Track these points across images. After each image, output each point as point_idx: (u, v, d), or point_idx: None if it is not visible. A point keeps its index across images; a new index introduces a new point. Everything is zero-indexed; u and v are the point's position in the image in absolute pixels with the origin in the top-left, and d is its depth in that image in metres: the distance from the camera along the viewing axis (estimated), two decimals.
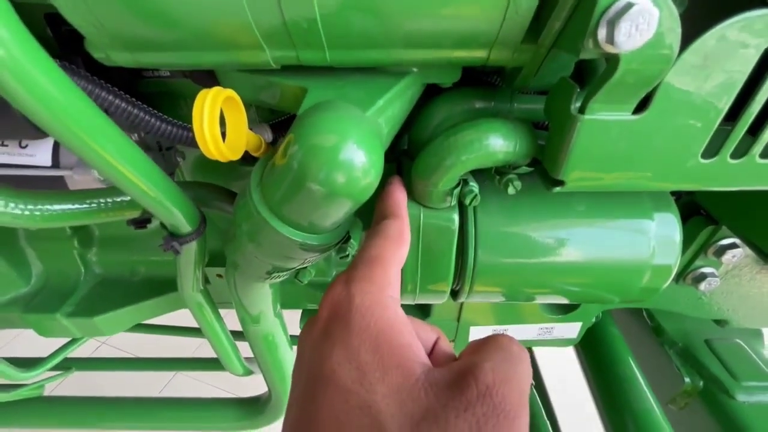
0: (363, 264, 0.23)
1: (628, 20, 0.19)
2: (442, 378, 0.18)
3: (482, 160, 0.29)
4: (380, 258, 0.23)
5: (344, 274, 0.23)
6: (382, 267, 0.23)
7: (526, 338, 0.56)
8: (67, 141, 0.24)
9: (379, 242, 0.25)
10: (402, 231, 0.26)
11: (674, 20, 0.20)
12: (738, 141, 0.26)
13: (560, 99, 0.26)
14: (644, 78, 0.22)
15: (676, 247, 0.34)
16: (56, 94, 0.22)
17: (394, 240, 0.25)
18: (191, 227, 0.34)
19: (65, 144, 0.25)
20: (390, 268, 0.23)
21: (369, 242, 0.25)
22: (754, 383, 0.57)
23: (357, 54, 0.27)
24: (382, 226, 0.26)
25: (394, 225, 0.26)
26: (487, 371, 0.18)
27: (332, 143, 0.24)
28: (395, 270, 0.23)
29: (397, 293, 0.22)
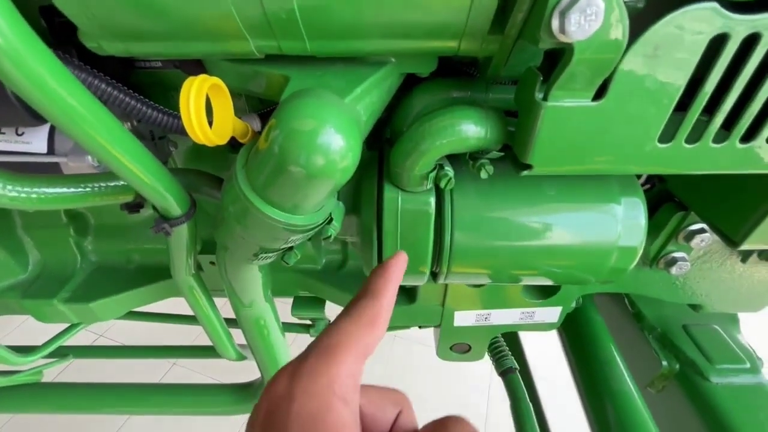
0: (316, 354, 0.20)
1: (577, 11, 0.21)
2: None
3: (456, 145, 0.31)
4: (338, 347, 0.20)
5: (293, 363, 0.20)
6: (337, 359, 0.20)
7: (508, 322, 0.58)
8: (64, 125, 0.26)
9: (344, 326, 0.21)
10: (377, 316, 0.22)
11: (621, 10, 0.21)
12: (691, 127, 0.28)
13: (527, 87, 0.28)
14: (598, 66, 0.24)
15: (642, 230, 0.36)
16: (53, 80, 0.24)
17: (363, 325, 0.22)
18: (181, 210, 0.36)
19: (61, 128, 0.27)
20: (346, 361, 0.20)
21: (334, 324, 0.22)
22: (728, 366, 0.59)
23: (336, 44, 0.28)
24: (356, 306, 0.23)
25: (370, 307, 0.22)
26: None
27: (311, 127, 0.26)
28: (355, 361, 0.20)
29: (352, 388, 0.20)
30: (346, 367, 0.20)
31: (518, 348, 0.78)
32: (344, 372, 0.20)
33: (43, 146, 0.39)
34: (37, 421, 1.37)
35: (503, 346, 0.68)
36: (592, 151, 0.29)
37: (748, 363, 0.59)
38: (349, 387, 0.20)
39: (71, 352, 0.80)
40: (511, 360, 0.67)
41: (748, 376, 0.58)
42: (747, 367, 0.59)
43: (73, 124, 0.27)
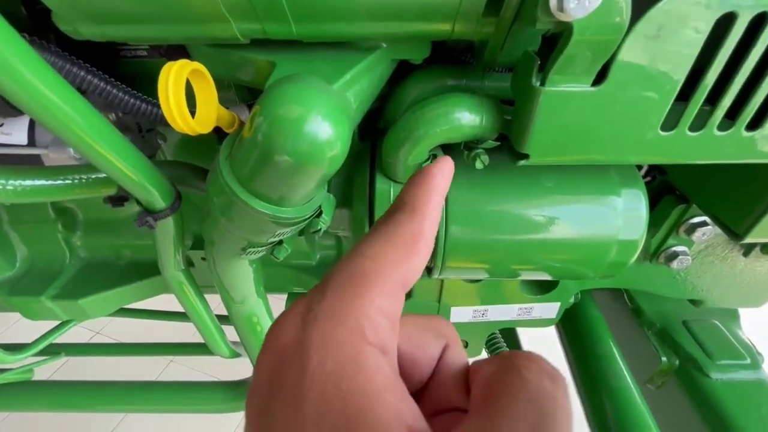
0: (338, 286, 0.14)
1: None
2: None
3: (450, 134, 0.30)
4: (368, 276, 0.14)
5: (303, 302, 0.15)
6: (366, 292, 0.14)
7: (506, 318, 0.57)
8: (39, 115, 0.25)
9: (375, 248, 0.15)
10: (418, 234, 0.16)
11: None
12: (695, 114, 0.27)
13: (523, 73, 0.27)
14: (598, 47, 0.23)
15: (642, 222, 0.35)
16: (25, 69, 0.23)
17: (402, 246, 0.16)
18: (165, 203, 0.34)
19: (36, 118, 0.25)
20: (381, 293, 0.14)
21: (359, 246, 0.16)
22: (728, 361, 0.58)
23: (323, 27, 0.27)
24: (389, 222, 0.17)
25: (408, 223, 0.16)
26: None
27: (297, 114, 0.25)
28: (393, 295, 0.15)
29: (390, 331, 0.14)
30: (379, 302, 0.14)
31: (516, 344, 0.78)
32: (377, 309, 0.14)
33: (24, 137, 0.38)
34: (31, 420, 1.36)
35: (501, 342, 0.68)
36: (591, 139, 0.28)
37: (749, 359, 0.58)
38: (386, 330, 0.14)
39: (63, 350, 0.79)
40: None
41: (749, 372, 0.57)
42: (747, 363, 0.58)
43: (49, 115, 0.25)
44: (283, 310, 0.15)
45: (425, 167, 0.19)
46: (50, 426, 1.35)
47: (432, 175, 0.18)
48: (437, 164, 0.19)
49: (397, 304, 0.15)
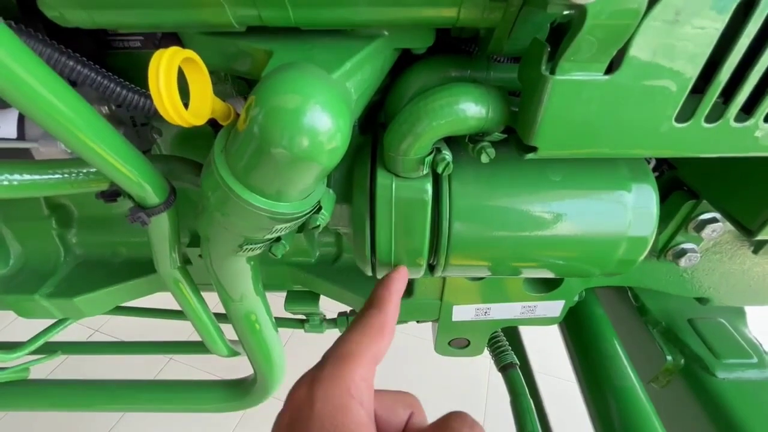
0: (332, 362, 0.23)
1: None
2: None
3: (454, 126, 0.29)
4: (352, 355, 0.23)
5: (311, 372, 0.23)
6: (351, 365, 0.22)
7: (509, 317, 0.56)
8: (25, 108, 0.23)
9: (355, 336, 0.24)
10: (384, 325, 0.25)
11: None
12: (712, 104, 0.25)
13: (532, 61, 0.26)
14: (613, 32, 0.21)
15: (653, 219, 0.33)
16: (9, 59, 0.21)
17: (373, 335, 0.25)
18: (159, 199, 0.33)
19: (23, 110, 0.24)
20: (359, 366, 0.23)
21: (346, 335, 0.25)
22: (734, 360, 0.57)
23: (322, 12, 0.26)
24: (364, 317, 0.26)
25: (377, 317, 0.26)
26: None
27: (295, 105, 0.23)
28: (367, 368, 0.23)
29: (366, 390, 0.22)
30: (360, 373, 0.22)
31: (518, 342, 0.77)
32: (358, 377, 0.22)
33: (13, 131, 0.37)
34: (29, 419, 1.35)
35: (503, 341, 0.67)
36: (602, 131, 0.26)
37: (756, 357, 0.58)
38: (364, 390, 0.22)
39: (60, 348, 0.78)
40: (511, 355, 0.65)
41: (756, 371, 0.56)
42: (754, 362, 0.57)
43: (36, 107, 0.24)
44: (299, 378, 0.23)
45: (387, 275, 0.30)
46: (48, 425, 1.34)
47: (393, 280, 0.29)
48: (396, 272, 0.31)
49: (372, 373, 0.23)
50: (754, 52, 0.23)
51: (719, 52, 0.23)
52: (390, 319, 0.26)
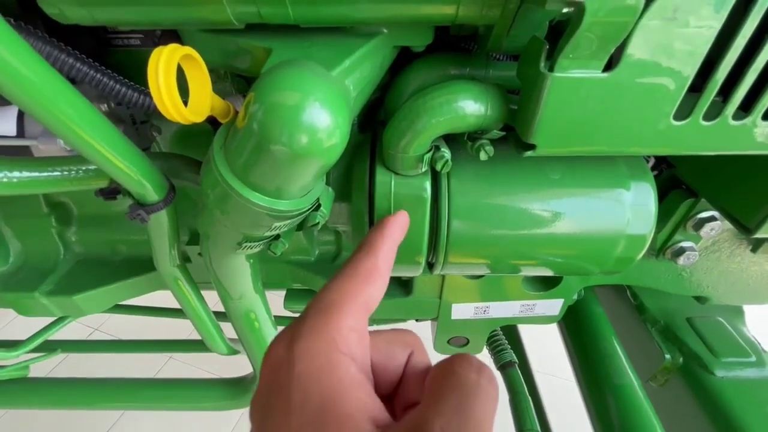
0: (314, 313, 0.19)
1: None
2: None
3: (453, 124, 0.29)
4: (336, 304, 0.19)
5: (290, 327, 0.19)
6: (336, 315, 0.19)
7: (508, 315, 0.56)
8: (26, 105, 0.24)
9: (340, 283, 0.21)
10: (373, 269, 0.22)
11: None
12: (710, 102, 0.25)
13: (531, 58, 0.26)
14: (611, 30, 0.21)
15: (651, 217, 0.33)
16: (10, 55, 0.21)
17: (360, 279, 0.21)
18: (159, 196, 0.33)
19: (23, 107, 0.24)
20: (347, 314, 0.19)
21: (330, 283, 0.21)
22: (733, 359, 0.57)
23: (321, 9, 0.26)
24: (352, 261, 0.22)
25: (366, 261, 0.22)
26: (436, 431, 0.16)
27: (294, 101, 0.23)
28: (356, 316, 0.20)
29: (357, 342, 0.19)
30: (347, 322, 0.19)
31: (517, 341, 0.77)
32: (346, 327, 0.19)
33: (12, 128, 0.37)
34: (29, 417, 1.35)
35: (502, 339, 0.67)
36: (601, 129, 0.26)
37: (754, 356, 0.58)
38: (354, 341, 0.19)
39: (60, 347, 0.78)
40: (510, 354, 0.65)
41: (754, 370, 0.57)
42: (753, 361, 0.57)
43: (36, 104, 0.24)
44: (277, 333, 0.20)
45: (383, 218, 0.25)
46: (48, 423, 1.34)
47: (388, 223, 0.25)
48: (395, 215, 0.26)
49: (362, 322, 0.20)
50: (751, 49, 0.24)
51: (717, 49, 0.23)
52: (381, 263, 0.22)
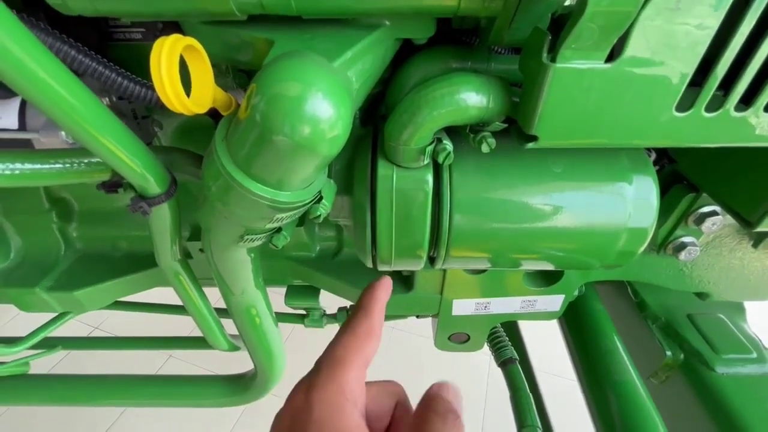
0: (326, 367, 0.24)
1: None
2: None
3: (455, 116, 0.29)
4: (344, 359, 0.24)
5: (307, 378, 0.24)
6: (344, 369, 0.24)
7: (509, 311, 0.56)
8: (30, 94, 0.24)
9: (345, 341, 0.26)
10: (371, 329, 0.27)
11: None
12: (712, 93, 0.25)
13: (533, 50, 0.26)
14: (614, 19, 0.21)
15: (653, 210, 0.33)
16: (16, 47, 0.22)
17: (362, 339, 0.26)
18: (161, 189, 0.33)
19: (27, 97, 0.24)
20: (352, 369, 0.24)
21: (336, 340, 0.26)
22: (734, 356, 0.57)
23: (322, 2, 0.26)
24: (351, 323, 0.27)
25: (363, 322, 0.27)
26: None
27: (296, 92, 0.23)
28: (359, 371, 0.24)
29: (359, 392, 0.24)
30: (353, 375, 0.24)
31: (518, 338, 0.77)
32: (352, 379, 0.24)
33: (14, 121, 0.37)
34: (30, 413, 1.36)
35: (503, 335, 0.67)
36: (603, 120, 0.26)
37: (755, 353, 0.58)
38: (357, 391, 0.24)
39: (61, 343, 0.78)
40: (510, 350, 0.65)
41: (755, 366, 0.57)
42: (753, 357, 0.57)
43: (40, 93, 0.24)
44: (296, 384, 0.25)
45: (372, 283, 0.30)
46: (49, 419, 1.34)
47: (377, 288, 0.30)
48: (380, 281, 0.30)
49: (363, 375, 0.25)
50: (753, 41, 0.24)
51: (719, 41, 0.23)
52: (376, 324, 0.27)
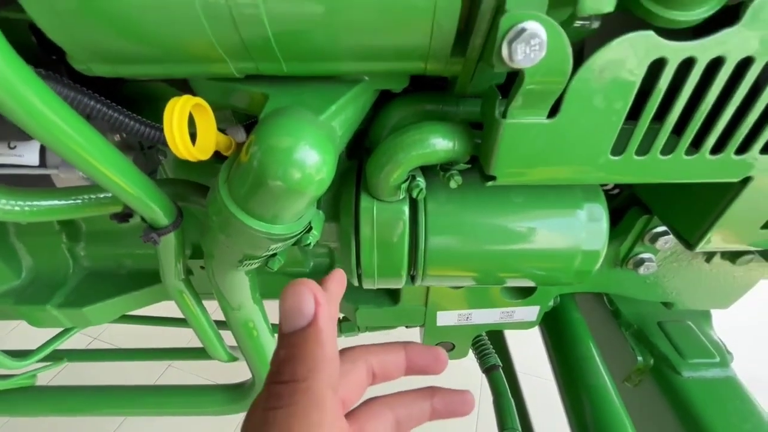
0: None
1: (523, 42, 0.23)
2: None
3: (426, 158, 0.33)
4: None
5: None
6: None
7: (489, 321, 0.60)
8: (50, 143, 0.28)
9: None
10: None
11: (562, 41, 0.24)
12: (640, 141, 0.30)
13: (488, 105, 0.30)
14: (548, 88, 0.26)
15: (603, 234, 0.38)
16: (37, 101, 0.25)
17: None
18: (168, 220, 0.38)
19: (47, 145, 0.28)
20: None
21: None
22: (699, 360, 0.62)
23: (310, 65, 0.30)
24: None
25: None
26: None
27: (288, 144, 0.28)
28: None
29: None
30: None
31: (502, 343, 0.81)
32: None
33: (35, 159, 0.41)
34: (32, 423, 1.37)
35: (487, 343, 0.71)
36: (550, 164, 0.31)
37: (718, 357, 0.62)
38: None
39: (65, 356, 0.81)
40: (494, 357, 0.69)
41: (718, 370, 0.61)
42: (717, 361, 0.62)
43: (59, 142, 0.28)
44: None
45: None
46: (51, 429, 1.36)
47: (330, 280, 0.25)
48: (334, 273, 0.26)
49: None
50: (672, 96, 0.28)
51: (646, 87, 0.28)
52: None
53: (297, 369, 0.19)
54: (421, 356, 0.26)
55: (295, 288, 0.21)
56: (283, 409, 0.18)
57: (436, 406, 0.25)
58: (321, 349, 0.20)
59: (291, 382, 0.19)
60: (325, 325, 0.20)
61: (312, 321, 0.20)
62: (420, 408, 0.25)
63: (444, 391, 0.26)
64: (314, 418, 0.18)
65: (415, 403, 0.25)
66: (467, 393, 0.26)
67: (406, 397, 0.25)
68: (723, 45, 0.25)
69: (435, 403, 0.25)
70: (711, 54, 0.26)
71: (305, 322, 0.20)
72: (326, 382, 0.19)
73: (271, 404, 0.19)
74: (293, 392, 0.19)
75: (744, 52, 0.25)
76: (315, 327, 0.20)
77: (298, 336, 0.20)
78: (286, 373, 0.19)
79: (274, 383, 0.20)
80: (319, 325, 0.20)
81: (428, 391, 0.26)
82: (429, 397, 0.25)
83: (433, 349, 0.27)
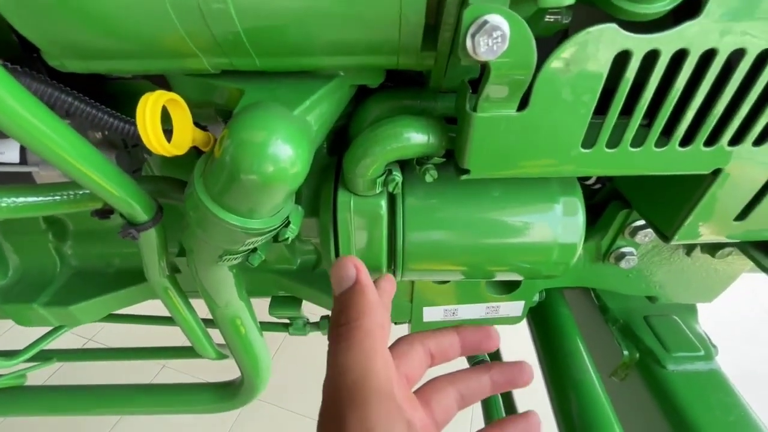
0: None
1: (485, 34, 0.23)
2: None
3: (401, 152, 0.33)
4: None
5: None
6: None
7: (475, 317, 0.60)
8: (27, 142, 0.28)
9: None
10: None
11: (525, 34, 0.24)
12: (610, 133, 0.30)
13: (460, 99, 0.31)
14: (514, 81, 0.26)
15: (579, 227, 0.38)
16: (12, 100, 0.26)
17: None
18: (147, 216, 0.38)
19: (22, 143, 0.28)
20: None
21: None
22: (683, 354, 0.62)
23: (283, 60, 0.31)
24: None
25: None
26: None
27: (260, 138, 0.28)
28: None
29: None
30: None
31: None
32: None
33: (16, 156, 0.41)
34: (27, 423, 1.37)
35: None
36: (522, 157, 0.31)
37: (703, 350, 0.63)
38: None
39: (55, 356, 0.81)
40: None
41: (702, 363, 0.62)
42: (701, 355, 0.62)
43: (33, 139, 0.28)
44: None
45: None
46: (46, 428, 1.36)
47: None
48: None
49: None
50: (639, 88, 0.29)
51: (615, 80, 0.28)
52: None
53: (350, 314, 0.25)
54: (473, 335, 0.30)
55: (340, 261, 0.27)
56: (344, 342, 0.24)
57: (494, 378, 0.28)
58: (365, 298, 0.25)
59: (345, 324, 0.25)
60: (365, 281, 0.26)
61: (356, 280, 0.26)
62: (479, 382, 0.28)
63: (500, 365, 0.29)
64: (366, 346, 0.23)
65: (475, 378, 0.28)
66: (524, 363, 0.29)
67: (466, 373, 0.29)
68: (685, 37, 0.26)
69: (493, 376, 0.28)
70: (674, 46, 0.26)
71: (351, 282, 0.26)
72: (374, 321, 0.25)
73: (335, 341, 0.25)
74: (348, 330, 0.24)
75: (706, 44, 0.26)
76: (359, 284, 0.26)
77: (347, 293, 0.26)
78: (342, 318, 0.25)
79: (334, 327, 0.25)
80: (362, 282, 0.26)
81: (485, 367, 0.29)
82: (486, 372, 0.28)
83: (484, 328, 0.30)
